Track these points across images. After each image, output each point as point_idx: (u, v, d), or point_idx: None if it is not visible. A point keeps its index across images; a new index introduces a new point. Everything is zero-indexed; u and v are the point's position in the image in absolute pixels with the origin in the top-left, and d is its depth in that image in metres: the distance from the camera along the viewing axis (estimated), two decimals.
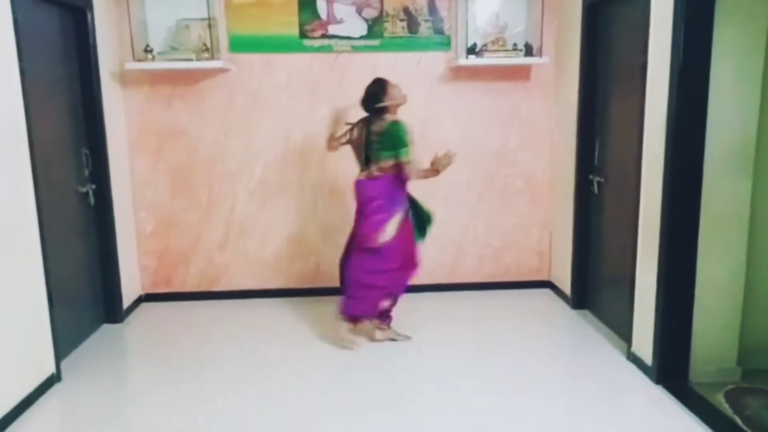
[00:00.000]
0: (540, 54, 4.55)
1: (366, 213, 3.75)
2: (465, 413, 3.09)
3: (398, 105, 3.77)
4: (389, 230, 3.70)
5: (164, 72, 4.52)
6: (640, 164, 3.46)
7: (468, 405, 3.17)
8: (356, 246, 3.83)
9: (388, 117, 3.72)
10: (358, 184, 3.79)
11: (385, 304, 3.92)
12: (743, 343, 3.41)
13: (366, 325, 3.94)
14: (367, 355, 3.81)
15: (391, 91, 3.73)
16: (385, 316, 3.98)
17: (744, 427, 2.91)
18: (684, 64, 3.08)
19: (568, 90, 4.49)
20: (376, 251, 3.72)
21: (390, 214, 3.71)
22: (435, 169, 3.70)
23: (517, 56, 4.57)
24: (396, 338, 3.97)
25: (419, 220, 3.89)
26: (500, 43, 4.54)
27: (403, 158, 3.62)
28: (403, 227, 3.74)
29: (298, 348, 3.94)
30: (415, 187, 4.59)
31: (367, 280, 3.77)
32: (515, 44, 4.59)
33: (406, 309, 4.19)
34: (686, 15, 3.04)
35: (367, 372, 3.59)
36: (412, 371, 3.63)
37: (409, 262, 3.85)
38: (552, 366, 3.69)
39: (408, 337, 3.98)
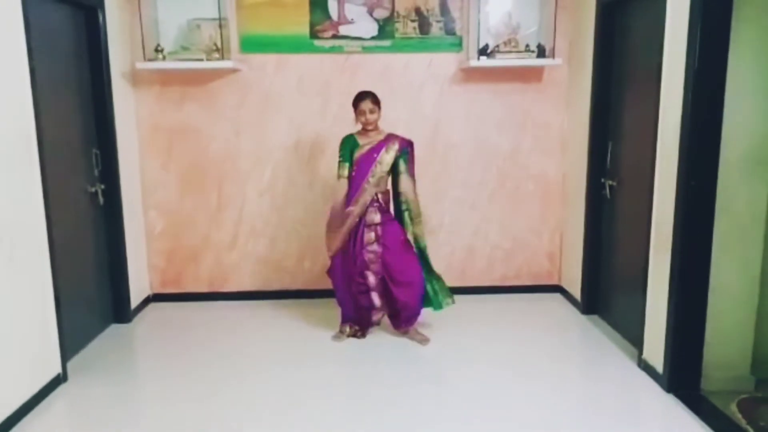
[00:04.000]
0: (553, 55, 4.50)
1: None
2: (471, 420, 3.05)
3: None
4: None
5: (175, 72, 4.51)
6: (653, 168, 3.40)
7: (474, 412, 3.13)
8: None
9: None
10: None
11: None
12: (757, 352, 3.35)
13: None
14: (375, 358, 3.80)
15: None
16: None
17: None
18: (700, 65, 3.01)
19: (581, 92, 4.44)
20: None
21: None
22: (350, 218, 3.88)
23: (529, 57, 4.52)
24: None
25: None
26: (512, 44, 4.49)
27: None
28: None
29: (306, 349, 3.93)
30: (426, 190, 4.56)
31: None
32: (528, 45, 4.54)
33: None
34: (703, 16, 2.97)
35: (375, 374, 3.57)
36: (419, 377, 3.59)
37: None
38: (562, 373, 3.63)
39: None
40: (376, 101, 3.85)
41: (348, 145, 3.91)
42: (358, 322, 4.06)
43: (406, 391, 3.36)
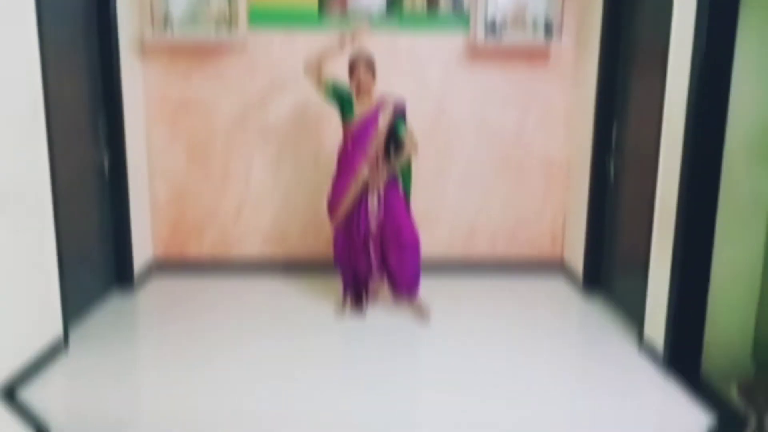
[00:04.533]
0: (560, 33, 4.47)
1: None
2: (466, 399, 3.05)
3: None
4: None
5: (183, 43, 4.52)
6: (658, 148, 3.40)
7: (470, 390, 3.14)
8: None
9: None
10: None
11: None
12: (758, 335, 3.34)
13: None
14: (372, 335, 3.81)
15: None
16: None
17: (757, 421, 2.85)
18: (707, 47, 3.00)
19: (588, 71, 4.42)
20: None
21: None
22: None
23: (536, 35, 4.49)
24: None
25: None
26: (520, 22, 4.46)
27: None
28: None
29: (305, 323, 3.95)
30: (429, 167, 4.57)
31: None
32: (535, 23, 4.50)
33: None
34: None
35: (370, 350, 3.60)
36: (415, 354, 3.62)
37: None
38: (561, 352, 3.65)
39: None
40: (369, 63, 3.85)
41: (341, 89, 3.89)
42: (356, 290, 4.09)
43: (400, 367, 3.39)
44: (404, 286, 4.02)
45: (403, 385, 3.19)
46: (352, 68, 3.87)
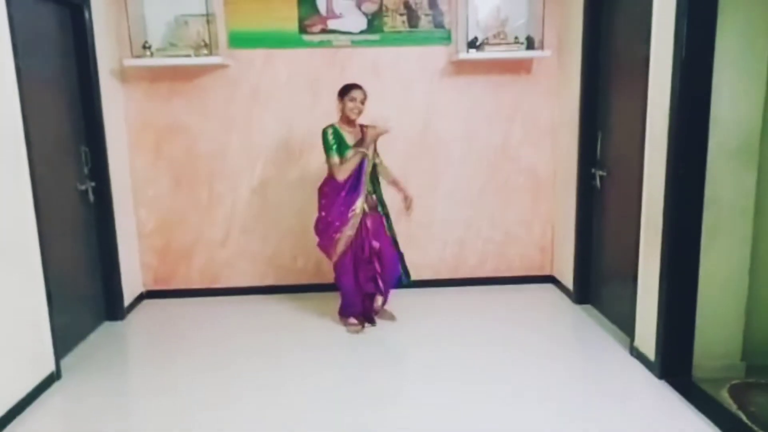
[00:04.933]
0: (542, 47, 4.51)
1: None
2: (461, 410, 3.06)
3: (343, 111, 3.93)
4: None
5: (163, 68, 4.50)
6: (642, 157, 3.42)
7: (465, 400, 3.14)
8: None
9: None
10: None
11: None
12: (747, 339, 3.37)
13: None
14: (368, 350, 3.80)
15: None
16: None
17: (749, 423, 2.88)
18: (687, 55, 3.03)
19: (570, 83, 4.45)
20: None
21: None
22: (361, 151, 3.85)
23: (518, 50, 4.53)
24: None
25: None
26: (501, 36, 4.50)
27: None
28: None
29: (298, 345, 3.92)
30: (417, 184, 4.58)
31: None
32: (516, 37, 4.55)
33: (408, 304, 4.24)
34: (689, 5, 2.99)
35: (367, 367, 3.59)
36: (412, 366, 3.62)
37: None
38: (554, 361, 3.65)
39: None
40: (364, 92, 3.90)
41: (336, 137, 3.87)
42: (363, 314, 4.12)
43: (396, 378, 3.43)
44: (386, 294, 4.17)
45: (402, 395, 3.22)
46: (347, 94, 3.87)
